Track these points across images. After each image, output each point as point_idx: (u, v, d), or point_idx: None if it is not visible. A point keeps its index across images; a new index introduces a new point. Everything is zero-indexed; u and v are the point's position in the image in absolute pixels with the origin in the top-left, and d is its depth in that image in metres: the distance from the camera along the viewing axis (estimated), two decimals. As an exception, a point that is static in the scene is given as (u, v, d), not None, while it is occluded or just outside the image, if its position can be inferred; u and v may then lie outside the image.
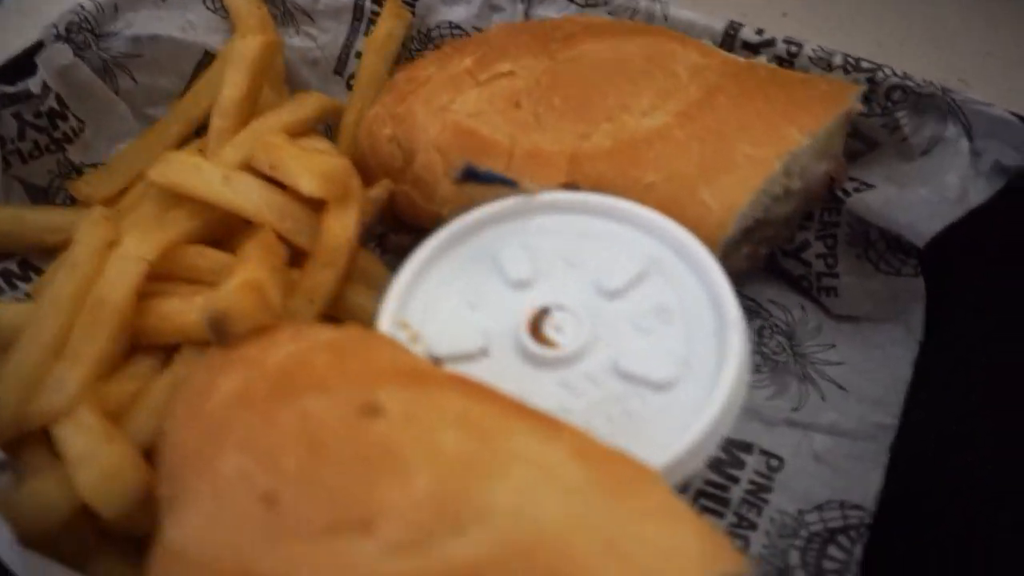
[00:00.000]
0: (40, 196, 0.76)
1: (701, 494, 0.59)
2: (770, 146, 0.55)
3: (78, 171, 0.78)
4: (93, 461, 0.44)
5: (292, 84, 0.86)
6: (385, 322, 0.51)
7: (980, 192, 0.60)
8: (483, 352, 0.50)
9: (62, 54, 0.74)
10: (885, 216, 0.62)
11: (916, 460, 0.58)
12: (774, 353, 0.68)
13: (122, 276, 0.59)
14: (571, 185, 0.58)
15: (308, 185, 0.61)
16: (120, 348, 0.59)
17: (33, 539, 0.42)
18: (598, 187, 0.57)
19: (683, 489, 0.59)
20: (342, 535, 0.37)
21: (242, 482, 0.40)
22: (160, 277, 0.62)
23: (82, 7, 0.76)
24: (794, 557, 0.55)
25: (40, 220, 0.73)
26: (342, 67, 0.85)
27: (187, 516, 0.40)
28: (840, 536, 0.56)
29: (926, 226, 0.60)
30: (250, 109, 0.75)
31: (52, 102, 0.74)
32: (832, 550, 0.55)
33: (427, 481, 0.38)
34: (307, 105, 0.76)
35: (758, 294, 0.72)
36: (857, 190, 0.65)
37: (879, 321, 0.68)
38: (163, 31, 0.80)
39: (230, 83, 0.73)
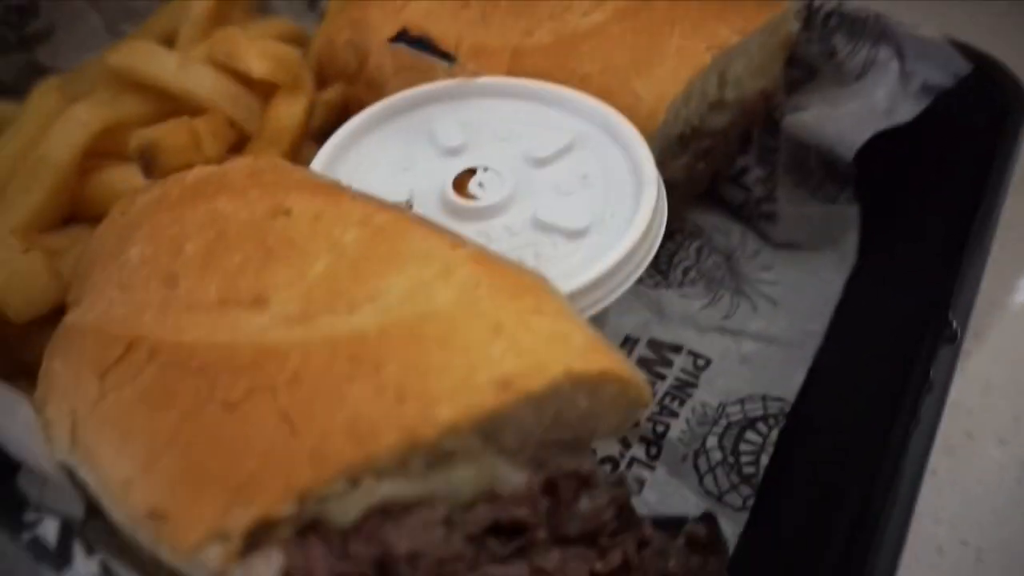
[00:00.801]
0: (6, 93, 0.77)
1: (626, 388, 0.60)
2: (701, 40, 0.57)
3: (45, 74, 0.80)
4: (6, 265, 0.45)
5: (265, 15, 0.89)
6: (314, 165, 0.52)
7: (908, 110, 0.62)
8: (407, 206, 0.51)
9: (38, -48, 0.77)
10: (818, 132, 0.64)
11: (836, 365, 0.58)
12: (710, 270, 0.69)
13: (66, 137, 0.60)
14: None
15: (258, 67, 0.62)
16: (58, 208, 0.59)
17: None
18: (537, 79, 0.59)
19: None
20: (234, 309, 0.37)
21: (145, 266, 0.40)
22: (106, 154, 0.64)
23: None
24: (711, 441, 0.55)
25: (2, 111, 0.75)
26: (314, 2, 0.88)
27: (89, 302, 0.41)
28: (759, 423, 0.56)
29: (855, 136, 0.62)
30: (217, 25, 0.77)
31: (16, -2, 0.76)
32: (749, 434, 0.55)
33: (323, 268, 0.39)
34: (273, 26, 0.78)
35: (700, 220, 0.74)
36: (793, 112, 0.67)
37: (815, 248, 0.70)
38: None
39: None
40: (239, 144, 0.65)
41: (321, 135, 0.70)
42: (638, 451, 0.56)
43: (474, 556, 0.37)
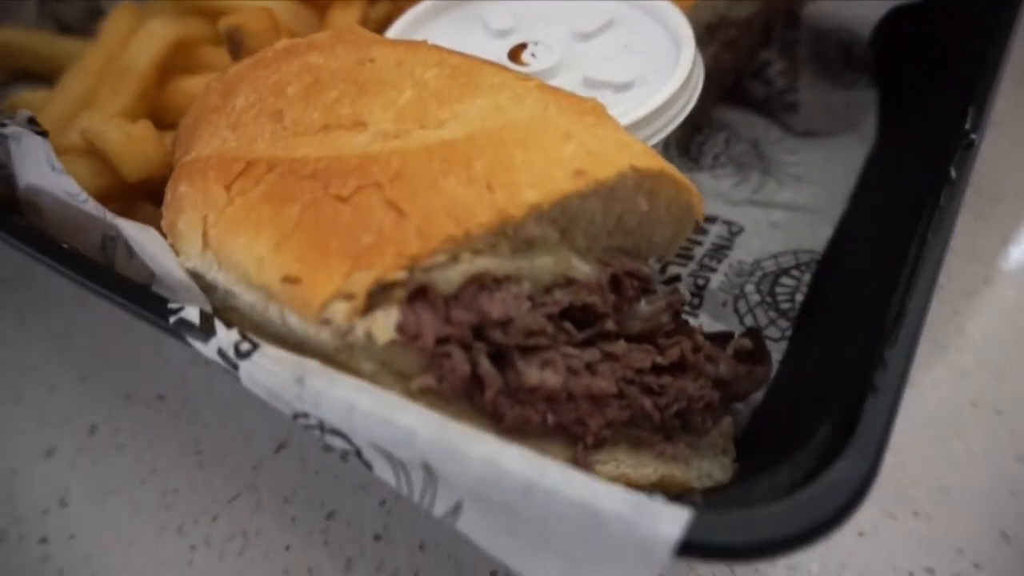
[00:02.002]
0: (73, 31, 0.83)
1: (667, 254, 0.65)
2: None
3: (104, 16, 0.85)
4: (119, 130, 0.50)
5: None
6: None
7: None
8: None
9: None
10: (837, 17, 0.69)
11: (861, 219, 0.63)
12: (739, 155, 0.74)
13: (145, 49, 0.65)
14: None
15: (316, -22, 0.68)
16: (143, 112, 0.65)
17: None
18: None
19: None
20: (336, 131, 0.43)
21: (251, 109, 0.46)
22: (178, 68, 0.69)
23: None
24: (749, 287, 0.60)
25: (71, 47, 0.80)
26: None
27: (202, 145, 0.46)
28: (792, 271, 0.61)
29: (872, 13, 0.66)
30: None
31: (86, -59, 0.82)
32: (784, 280, 0.60)
33: (410, 97, 0.44)
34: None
35: (726, 116, 0.78)
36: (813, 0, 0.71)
37: (837, 132, 0.74)
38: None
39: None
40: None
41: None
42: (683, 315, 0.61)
43: (554, 334, 0.42)
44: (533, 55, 0.56)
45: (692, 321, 0.60)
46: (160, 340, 0.63)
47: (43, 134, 0.49)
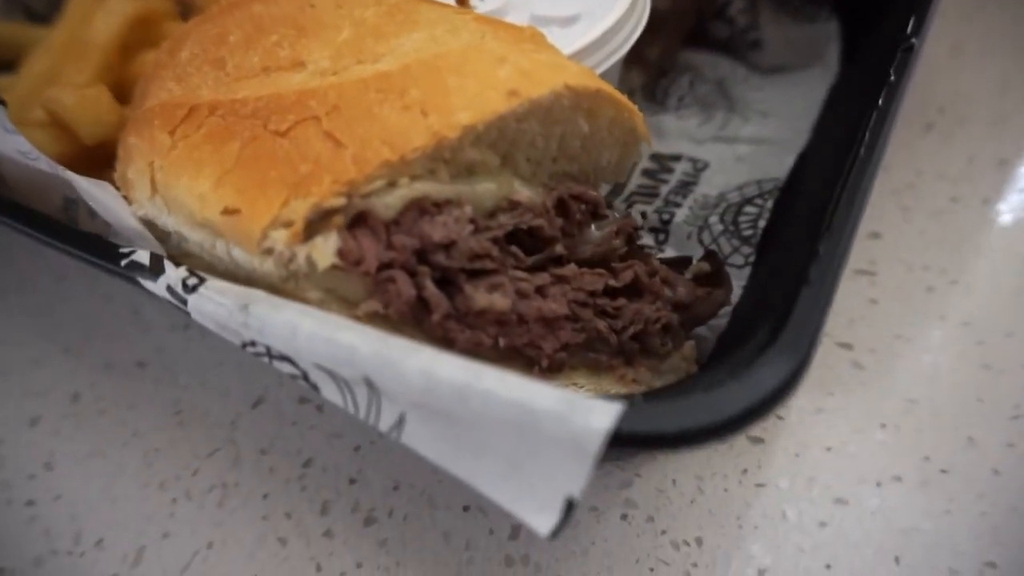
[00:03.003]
0: (41, 19, 0.84)
1: (633, 194, 0.65)
2: None
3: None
4: (74, 91, 0.51)
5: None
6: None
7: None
8: None
9: None
10: (791, -54, 0.69)
11: (824, 145, 0.63)
12: (704, 96, 0.73)
13: (107, 24, 0.66)
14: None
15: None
16: (101, 85, 0.66)
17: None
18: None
19: (615, 192, 0.65)
20: (276, 72, 0.43)
21: (195, 60, 0.46)
22: (139, 44, 0.70)
23: None
24: (713, 219, 0.60)
25: (38, 35, 0.81)
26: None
27: (148, 98, 0.47)
28: (755, 199, 0.61)
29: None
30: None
31: (47, -71, 0.83)
32: (747, 208, 0.60)
33: (349, 35, 0.44)
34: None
35: (690, 59, 0.78)
36: (768, -66, 0.71)
37: (801, 66, 0.74)
38: None
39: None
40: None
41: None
42: (647, 239, 0.61)
43: (501, 259, 0.42)
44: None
45: (658, 255, 0.60)
46: (138, 310, 0.64)
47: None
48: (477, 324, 0.41)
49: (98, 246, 0.41)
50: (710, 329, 0.54)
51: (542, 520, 0.33)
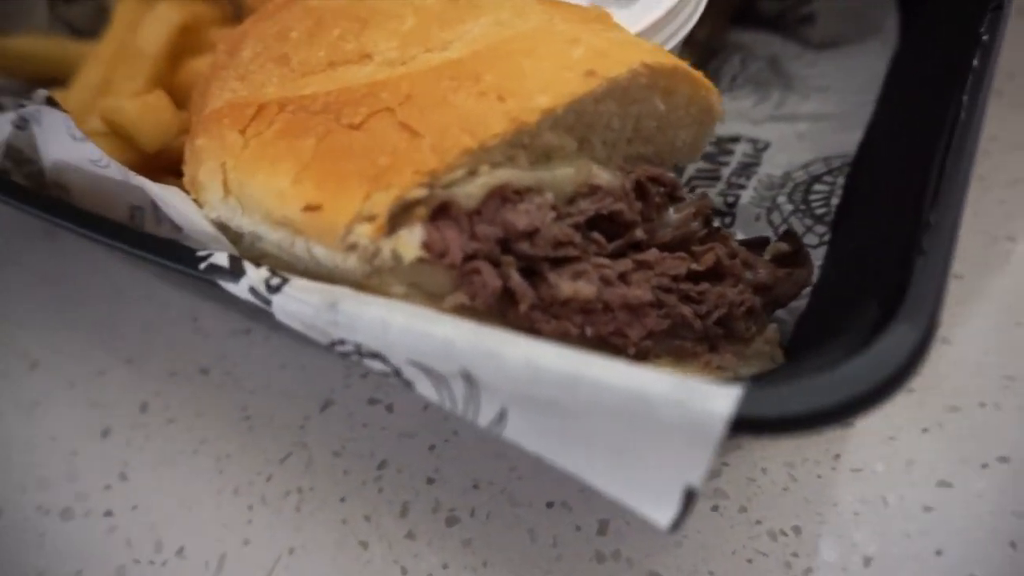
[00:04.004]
0: (84, 35, 0.85)
1: (693, 178, 0.63)
2: None
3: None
4: (134, 98, 0.51)
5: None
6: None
7: None
8: None
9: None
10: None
11: (892, 116, 0.61)
12: (756, 74, 0.71)
13: (155, 33, 0.66)
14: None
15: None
16: (153, 92, 0.66)
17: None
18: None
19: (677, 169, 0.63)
20: (343, 66, 0.42)
21: (257, 58, 0.46)
22: (186, 51, 0.70)
23: None
24: (781, 199, 0.58)
25: (81, 50, 0.82)
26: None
27: (212, 99, 0.46)
28: (824, 176, 0.59)
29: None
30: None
31: (88, -55, 0.83)
32: (817, 187, 0.58)
33: (412, 24, 0.43)
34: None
35: (740, 38, 0.76)
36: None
37: (856, 39, 0.72)
38: None
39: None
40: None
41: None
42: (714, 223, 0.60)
43: (583, 245, 0.41)
44: (534, -17, 0.55)
45: (726, 239, 0.58)
46: (197, 317, 0.64)
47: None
48: (562, 313, 0.40)
49: (174, 250, 0.40)
50: (788, 312, 0.52)
51: (661, 512, 0.31)
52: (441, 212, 0.37)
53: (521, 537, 0.47)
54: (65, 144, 0.46)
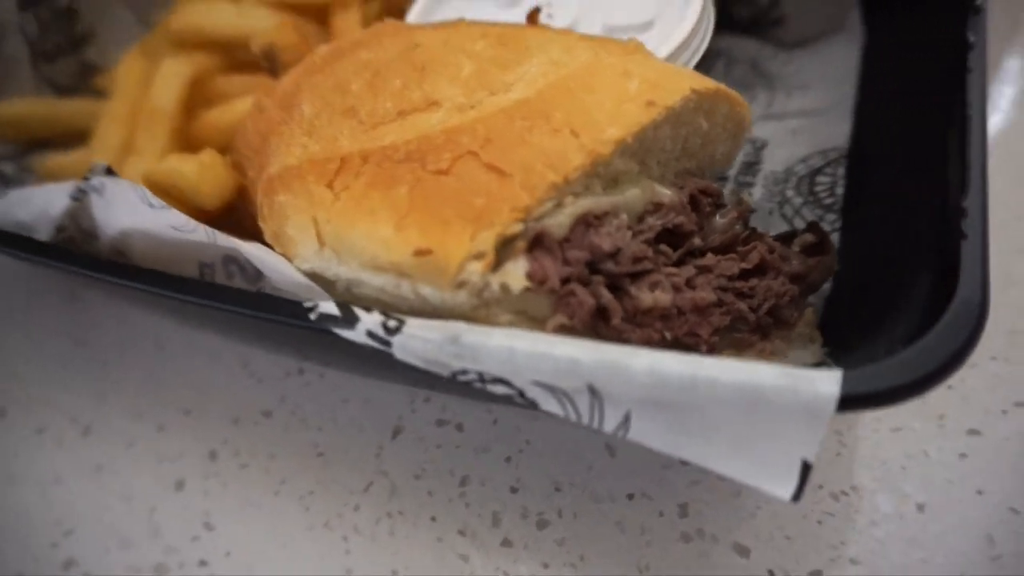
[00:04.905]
0: (66, 93, 0.84)
1: (702, 180, 0.68)
2: None
3: (96, 72, 0.86)
4: (191, 162, 0.52)
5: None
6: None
7: None
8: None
9: (67, -40, 0.83)
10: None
11: (877, 101, 0.67)
12: (741, 77, 0.77)
13: (168, 88, 0.67)
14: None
15: (314, -13, 0.70)
16: (176, 149, 0.67)
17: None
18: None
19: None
20: (413, 115, 0.45)
21: (322, 113, 0.48)
22: (197, 103, 0.71)
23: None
24: (790, 192, 0.64)
25: (74, 107, 0.81)
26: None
27: (281, 157, 0.48)
28: (825, 168, 0.65)
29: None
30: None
31: (64, 2, 0.82)
32: (819, 178, 0.64)
33: (471, 69, 0.47)
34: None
35: (717, 44, 0.81)
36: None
37: (826, 36, 0.78)
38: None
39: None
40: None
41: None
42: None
43: (655, 258, 0.45)
44: (550, 16, 0.59)
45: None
46: (247, 363, 0.65)
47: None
48: (645, 321, 0.44)
49: (284, 306, 0.42)
50: (816, 295, 0.57)
51: (783, 487, 0.36)
52: (537, 243, 0.41)
53: (610, 530, 0.51)
54: (139, 213, 0.47)
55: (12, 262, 0.55)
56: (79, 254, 0.51)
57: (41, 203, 0.53)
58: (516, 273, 0.40)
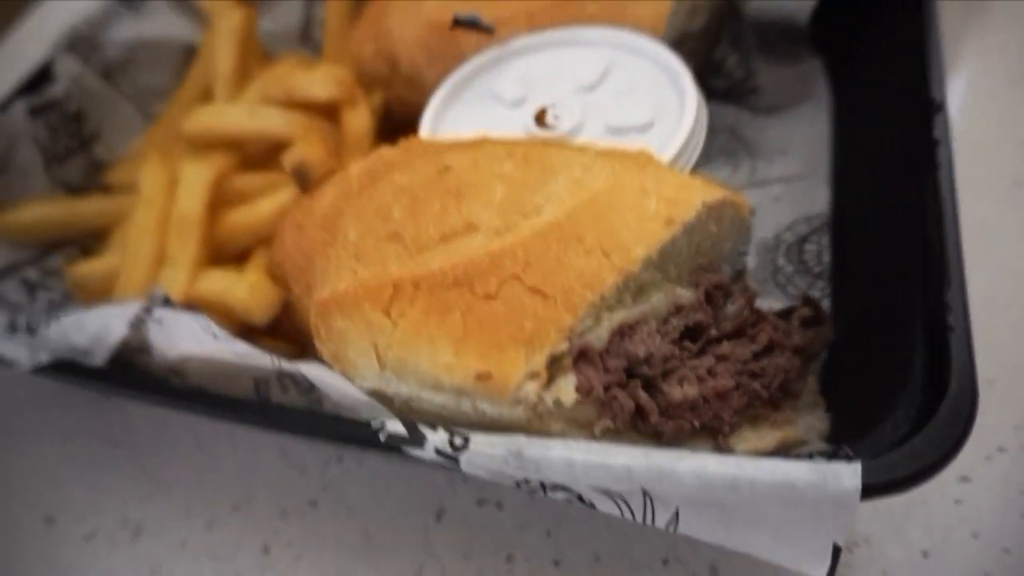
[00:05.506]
0: (77, 191, 0.86)
1: (699, 250, 0.74)
2: (675, -40, 0.71)
3: (105, 167, 0.89)
4: (238, 283, 0.56)
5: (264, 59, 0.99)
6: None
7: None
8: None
9: (73, 65, 0.85)
10: (774, 11, 0.79)
11: (851, 170, 0.74)
12: (724, 145, 0.83)
13: (193, 195, 0.70)
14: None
15: (323, 90, 0.73)
16: (206, 253, 0.70)
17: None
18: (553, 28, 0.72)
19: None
20: (455, 239, 0.50)
21: (367, 238, 0.52)
22: (216, 203, 0.74)
23: (76, 26, 0.88)
24: (781, 260, 0.70)
25: (90, 207, 0.83)
26: (306, 36, 0.99)
27: (331, 281, 0.52)
28: (811, 236, 0.71)
29: (805, 4, 0.77)
30: (244, 76, 0.87)
31: (74, 106, 0.85)
32: (807, 246, 0.70)
33: (503, 192, 0.51)
34: (291, 60, 0.89)
35: (698, 112, 0.88)
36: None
37: (797, 103, 0.85)
38: (146, 35, 0.93)
39: (223, 57, 0.85)
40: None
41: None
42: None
43: (680, 355, 0.50)
44: (556, 116, 0.64)
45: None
46: (286, 453, 0.69)
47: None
48: (676, 413, 0.49)
49: (355, 429, 0.46)
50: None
51: (817, 568, 0.41)
52: (581, 356, 0.46)
53: (650, 595, 0.56)
54: (203, 343, 0.51)
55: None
56: (139, 378, 0.54)
57: (96, 329, 0.56)
58: (567, 388, 0.44)
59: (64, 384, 0.57)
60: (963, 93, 0.88)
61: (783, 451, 0.55)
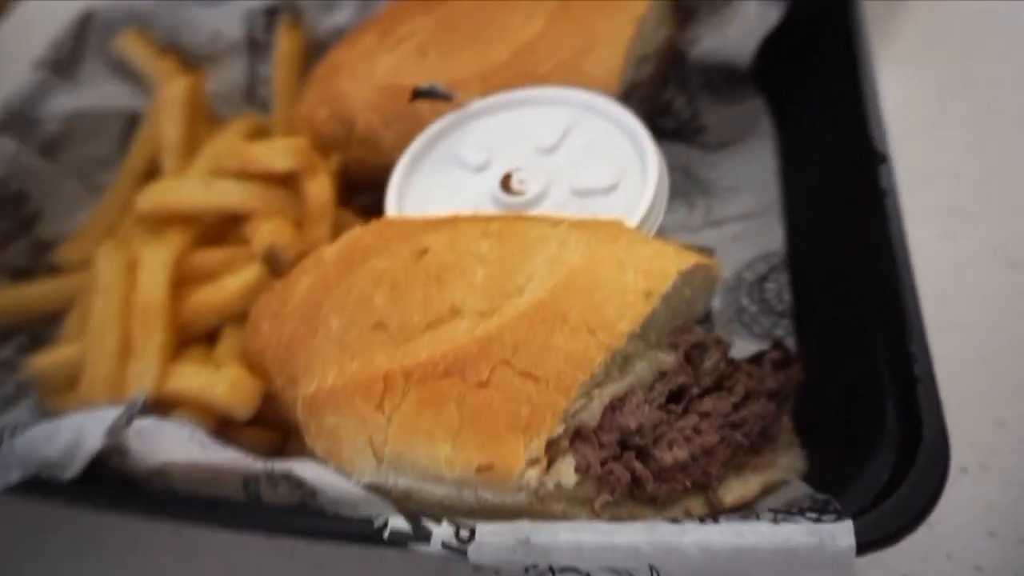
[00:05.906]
0: (21, 276, 0.82)
1: (665, 293, 0.76)
2: (622, 15, 0.73)
3: (51, 247, 0.85)
4: (217, 380, 0.55)
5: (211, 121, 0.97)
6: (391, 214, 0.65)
7: (775, 11, 0.81)
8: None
9: (9, 145, 0.82)
10: (717, 54, 0.82)
11: (802, 207, 0.77)
12: (677, 185, 0.86)
13: (155, 279, 0.68)
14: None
15: (282, 162, 0.72)
16: (173, 341, 0.68)
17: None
18: (509, 89, 0.73)
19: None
20: (440, 325, 0.50)
21: (350, 329, 0.52)
22: (178, 284, 0.72)
23: (10, 103, 0.85)
24: (744, 300, 0.73)
25: (38, 290, 0.80)
26: (251, 95, 0.97)
27: (319, 374, 0.52)
28: (770, 274, 0.74)
29: (745, 49, 0.80)
30: (193, 145, 0.85)
31: (13, 187, 0.81)
32: (767, 284, 0.73)
33: (483, 274, 0.52)
34: (241, 125, 0.87)
35: (650, 152, 0.90)
36: (692, 44, 0.84)
37: (743, 139, 0.88)
38: (85, 106, 0.89)
39: (170, 127, 0.84)
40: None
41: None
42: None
43: (667, 419, 0.52)
44: (521, 181, 0.65)
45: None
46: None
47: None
48: (669, 477, 0.51)
49: (357, 527, 0.46)
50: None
51: (819, 626, 0.43)
52: (577, 436, 0.47)
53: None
54: (191, 452, 0.49)
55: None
56: (120, 493, 0.52)
57: (70, 438, 0.54)
58: (567, 470, 0.45)
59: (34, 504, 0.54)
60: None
61: (767, 493, 0.58)
